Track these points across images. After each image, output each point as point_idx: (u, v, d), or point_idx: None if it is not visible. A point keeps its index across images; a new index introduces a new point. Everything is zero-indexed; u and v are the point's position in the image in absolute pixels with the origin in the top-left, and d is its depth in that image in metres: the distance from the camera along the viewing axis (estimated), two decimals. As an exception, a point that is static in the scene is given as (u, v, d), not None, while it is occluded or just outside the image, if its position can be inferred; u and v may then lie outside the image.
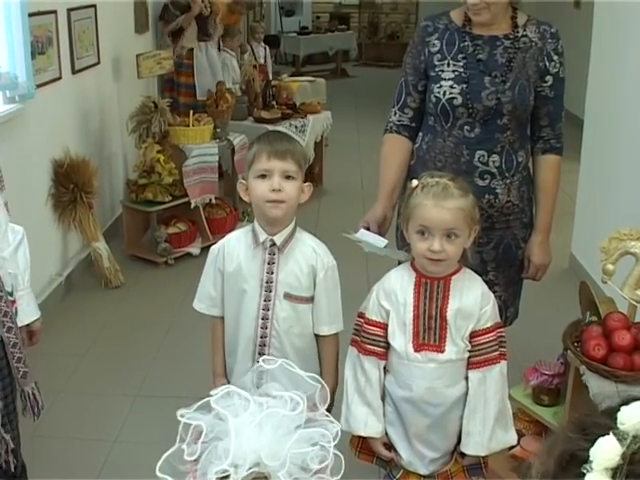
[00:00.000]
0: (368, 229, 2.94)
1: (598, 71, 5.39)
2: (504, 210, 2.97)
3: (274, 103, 7.31)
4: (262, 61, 8.84)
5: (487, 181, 2.93)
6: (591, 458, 0.87)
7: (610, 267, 2.70)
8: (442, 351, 2.45)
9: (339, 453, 1.83)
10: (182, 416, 1.96)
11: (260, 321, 2.58)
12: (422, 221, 2.38)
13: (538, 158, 3.04)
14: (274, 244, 2.56)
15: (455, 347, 2.45)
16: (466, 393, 2.50)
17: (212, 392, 2.07)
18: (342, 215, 6.26)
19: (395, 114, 3.06)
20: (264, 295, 2.57)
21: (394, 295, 2.49)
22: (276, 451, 1.80)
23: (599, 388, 2.50)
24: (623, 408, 0.91)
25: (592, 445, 0.88)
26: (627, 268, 2.74)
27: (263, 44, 9.22)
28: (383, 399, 2.56)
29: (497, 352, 2.48)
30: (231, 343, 2.66)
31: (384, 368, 2.54)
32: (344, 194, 7.29)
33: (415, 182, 2.47)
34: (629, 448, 0.86)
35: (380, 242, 2.79)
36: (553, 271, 5.09)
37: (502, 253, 3.04)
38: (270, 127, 6.64)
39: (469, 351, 2.47)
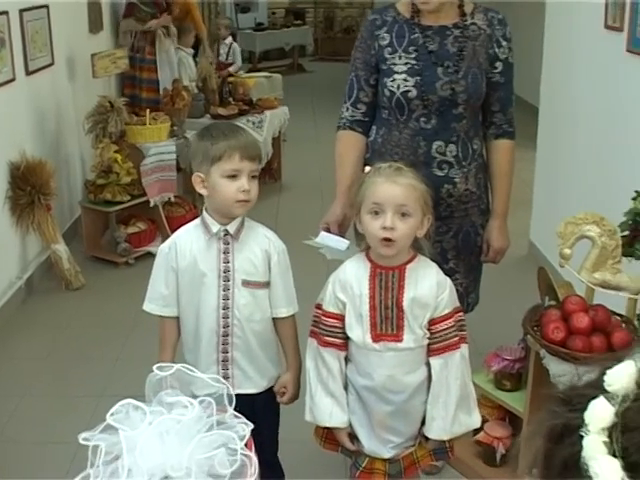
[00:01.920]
0: (329, 230, 2.95)
1: (551, 58, 5.45)
2: (462, 198, 3.00)
3: (231, 99, 7.30)
4: (224, 58, 8.83)
5: (445, 171, 2.96)
6: (586, 422, 0.89)
7: (567, 251, 2.73)
8: (400, 340, 2.46)
9: (249, 454, 1.80)
10: (85, 439, 1.82)
11: (221, 311, 2.59)
12: (374, 198, 2.38)
13: (491, 143, 3.08)
14: (227, 233, 2.58)
15: (413, 335, 2.46)
16: (427, 378, 2.52)
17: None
18: (302, 210, 6.31)
19: (347, 110, 3.07)
20: (223, 285, 2.58)
21: (350, 287, 2.49)
22: (179, 460, 1.75)
23: (559, 370, 2.53)
24: (609, 371, 0.93)
25: (582, 413, 0.90)
26: (584, 252, 2.78)
27: (228, 41, 9.20)
28: (346, 388, 2.57)
29: (457, 337, 2.50)
30: (192, 339, 2.66)
31: (345, 357, 2.56)
32: (303, 189, 7.30)
33: (368, 168, 2.51)
34: (621, 406, 0.88)
35: (342, 244, 2.81)
36: (513, 258, 5.16)
37: (462, 241, 3.07)
38: (227, 121, 6.64)
39: (428, 338, 2.48)
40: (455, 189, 2.97)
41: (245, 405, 2.62)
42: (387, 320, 2.46)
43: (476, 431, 3.08)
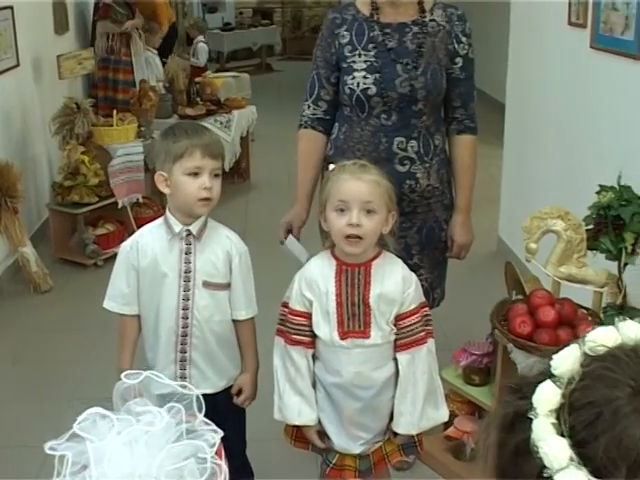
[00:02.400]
0: (290, 231, 3.00)
1: (517, 55, 5.48)
2: (425, 194, 3.02)
3: (198, 99, 7.27)
4: (196, 59, 8.85)
5: (407, 167, 2.97)
6: (534, 405, 0.91)
7: (533, 246, 2.75)
8: (367, 337, 2.47)
9: (220, 462, 1.79)
10: (51, 449, 1.82)
11: (181, 311, 2.60)
12: (339, 196, 2.39)
13: (453, 139, 3.10)
14: (190, 233, 2.58)
15: (380, 332, 2.47)
16: (395, 374, 2.52)
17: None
18: (271, 209, 6.24)
19: (309, 107, 3.08)
20: (183, 285, 2.58)
21: (316, 284, 2.49)
22: (148, 471, 1.73)
23: (526, 364, 2.55)
24: (554, 356, 0.95)
25: (531, 399, 0.92)
26: (551, 246, 2.81)
27: (196, 40, 9.20)
28: (314, 386, 2.57)
29: (423, 332, 2.51)
30: (151, 337, 2.67)
31: (313, 355, 2.56)
32: (272, 188, 7.27)
33: (333, 166, 2.51)
34: (567, 388, 0.91)
35: (303, 256, 2.86)
36: (481, 254, 5.20)
37: (425, 236, 3.08)
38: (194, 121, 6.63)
39: (395, 334, 2.49)
40: (417, 185, 2.99)
41: (206, 404, 2.67)
42: (354, 317, 2.46)
43: (446, 426, 3.10)
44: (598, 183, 2.86)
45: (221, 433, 1.86)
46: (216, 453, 1.80)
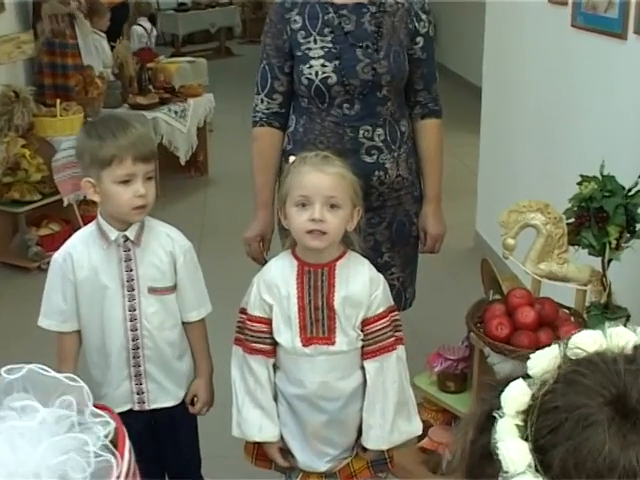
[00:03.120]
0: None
1: (494, 36, 5.50)
2: (394, 185, 3.01)
3: (151, 87, 7.22)
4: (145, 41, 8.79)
5: (375, 157, 2.96)
6: (502, 404, 0.91)
7: (510, 241, 2.74)
8: (332, 343, 2.45)
9: (105, 455, 1.78)
10: None
11: (128, 323, 2.56)
12: (300, 190, 2.37)
13: (418, 124, 3.09)
14: (127, 239, 2.54)
15: (346, 338, 2.45)
16: (363, 384, 2.51)
17: None
18: (231, 205, 6.26)
19: (262, 102, 3.03)
20: (127, 295, 2.55)
21: (276, 287, 2.47)
22: (29, 468, 1.70)
23: (505, 369, 2.53)
24: (532, 355, 0.96)
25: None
26: (530, 242, 2.80)
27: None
28: (275, 399, 2.55)
29: (392, 338, 2.49)
30: (98, 355, 2.62)
31: (274, 365, 2.54)
32: (232, 182, 7.21)
33: (292, 157, 2.50)
34: (540, 389, 0.91)
35: None
36: (457, 250, 5.20)
37: (396, 231, 3.07)
38: (147, 113, 6.60)
39: (362, 340, 2.48)
40: (387, 176, 2.98)
41: (164, 419, 2.68)
42: (317, 322, 2.45)
43: (420, 437, 3.08)
44: (580, 173, 2.85)
45: (113, 424, 1.86)
46: (116, 445, 1.83)
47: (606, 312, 2.74)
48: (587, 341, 0.95)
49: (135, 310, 2.56)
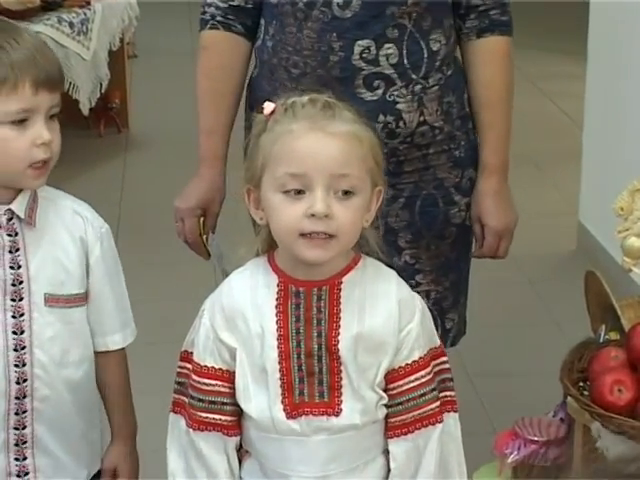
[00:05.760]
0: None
1: None
2: (416, 139, 2.21)
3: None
4: None
5: (380, 91, 2.19)
6: None
7: (636, 242, 2.08)
8: (337, 412, 1.72)
9: None
10: None
11: (11, 354, 1.95)
12: (290, 164, 1.64)
13: (472, 45, 2.28)
14: (14, 216, 1.93)
15: (360, 403, 1.71)
16: (385, 477, 1.77)
17: None
18: (162, 176, 4.83)
19: None
20: (11, 308, 1.95)
21: (242, 320, 1.73)
22: None
23: (626, 457, 1.88)
24: None
25: None
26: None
27: None
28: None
29: (437, 402, 1.74)
30: None
31: (239, 449, 1.80)
32: (165, 145, 5.45)
33: (270, 105, 1.74)
34: None
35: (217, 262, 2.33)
36: (547, 256, 4.22)
37: (421, 214, 2.27)
38: (22, 24, 5.36)
39: (386, 406, 1.73)
40: (401, 123, 2.20)
41: None
42: (311, 377, 1.70)
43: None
44: None
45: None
46: None
47: None
48: None
49: (23, 332, 1.97)
